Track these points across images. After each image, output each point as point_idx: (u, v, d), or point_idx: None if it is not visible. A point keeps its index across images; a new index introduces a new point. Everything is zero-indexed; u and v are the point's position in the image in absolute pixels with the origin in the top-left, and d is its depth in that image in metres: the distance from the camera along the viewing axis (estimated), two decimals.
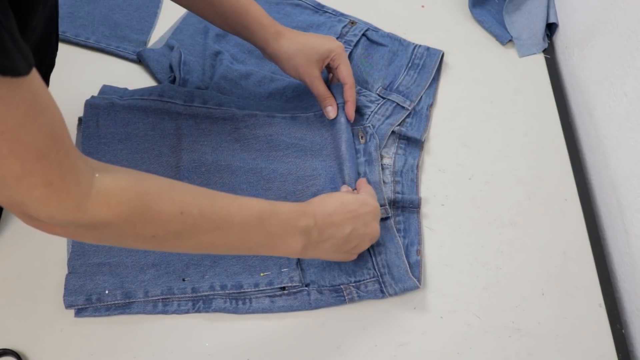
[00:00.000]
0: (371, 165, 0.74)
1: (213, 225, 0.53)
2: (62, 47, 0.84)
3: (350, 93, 0.76)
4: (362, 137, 0.76)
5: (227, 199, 0.55)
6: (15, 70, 0.37)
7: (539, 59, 0.88)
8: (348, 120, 0.76)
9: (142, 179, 0.50)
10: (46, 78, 0.69)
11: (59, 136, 0.42)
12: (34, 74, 0.40)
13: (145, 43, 0.87)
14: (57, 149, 0.42)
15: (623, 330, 0.68)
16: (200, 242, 0.54)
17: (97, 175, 0.46)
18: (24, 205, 0.43)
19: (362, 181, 0.71)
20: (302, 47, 0.73)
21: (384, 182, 0.74)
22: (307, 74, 0.73)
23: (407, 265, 0.67)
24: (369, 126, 0.77)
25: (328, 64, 0.76)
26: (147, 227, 0.49)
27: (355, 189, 0.71)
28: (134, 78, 0.82)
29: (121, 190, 0.47)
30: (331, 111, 0.75)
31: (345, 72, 0.75)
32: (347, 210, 0.62)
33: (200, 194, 0.54)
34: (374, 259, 0.68)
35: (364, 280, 0.67)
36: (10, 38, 0.36)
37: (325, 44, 0.74)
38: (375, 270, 0.68)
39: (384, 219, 0.71)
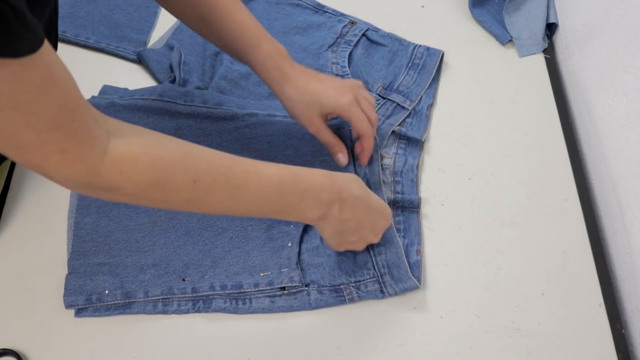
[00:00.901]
0: (371, 166, 0.73)
1: (227, 194, 0.53)
2: (62, 47, 0.84)
3: (367, 144, 0.71)
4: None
5: (246, 166, 0.55)
6: (26, 49, 0.38)
7: (539, 59, 0.88)
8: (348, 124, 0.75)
9: (157, 145, 0.50)
10: None
11: (73, 106, 0.44)
12: (46, 47, 0.40)
13: (145, 43, 0.87)
14: (71, 119, 0.43)
15: (623, 330, 0.68)
16: (213, 208, 0.54)
17: (111, 140, 0.47)
18: (41, 167, 0.45)
19: None
20: (306, 98, 0.67)
21: (383, 182, 0.74)
22: (310, 124, 0.68)
23: (407, 266, 0.67)
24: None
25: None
26: (159, 194, 0.50)
27: None
28: (134, 78, 0.82)
29: (134, 157, 0.48)
30: (342, 158, 0.72)
31: (360, 126, 0.69)
32: (368, 206, 0.62)
33: (216, 161, 0.53)
34: (374, 259, 0.68)
35: (364, 280, 0.67)
36: (18, 19, 0.37)
37: (332, 99, 0.67)
38: (375, 270, 0.68)
39: None
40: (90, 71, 0.83)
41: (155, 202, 0.51)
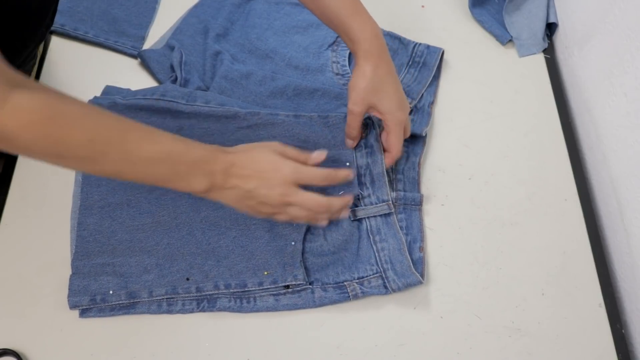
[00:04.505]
0: (373, 156, 0.73)
1: (120, 156, 0.55)
2: (62, 42, 0.85)
3: (388, 161, 0.72)
4: (362, 131, 0.75)
5: (141, 132, 0.57)
6: None
7: (539, 59, 0.88)
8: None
9: (59, 102, 0.52)
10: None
11: None
12: None
13: (144, 38, 0.87)
14: None
15: (623, 330, 0.68)
16: (105, 169, 0.56)
17: (15, 91, 0.48)
18: None
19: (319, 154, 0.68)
20: (367, 81, 0.67)
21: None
22: (355, 103, 0.69)
23: (410, 261, 0.67)
24: (367, 118, 0.76)
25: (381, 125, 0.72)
26: (54, 147, 0.52)
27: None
28: (135, 78, 0.82)
29: (34, 109, 0.49)
30: (348, 143, 0.73)
31: (392, 142, 0.70)
32: (257, 169, 0.62)
33: (114, 124, 0.55)
34: (376, 254, 0.69)
35: (367, 276, 0.68)
36: None
37: (391, 109, 0.68)
38: (378, 265, 0.68)
39: (386, 215, 0.71)
40: (92, 71, 0.83)
41: (50, 155, 0.53)
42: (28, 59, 0.71)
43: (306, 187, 0.63)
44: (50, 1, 0.65)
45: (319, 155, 0.67)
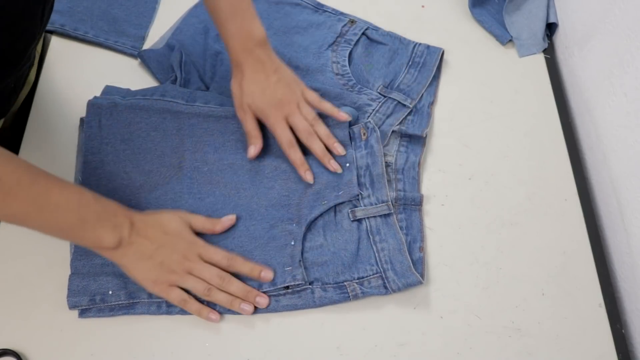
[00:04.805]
0: (373, 157, 0.73)
1: (28, 199, 0.54)
2: (62, 41, 0.84)
3: (313, 145, 0.72)
4: (364, 134, 0.75)
5: (50, 179, 0.57)
6: None
7: (539, 59, 0.88)
8: (350, 122, 0.75)
9: None
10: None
11: None
12: None
13: (144, 38, 0.87)
14: None
15: (623, 330, 0.68)
16: (11, 211, 0.55)
17: None
18: None
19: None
20: (236, 90, 0.72)
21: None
22: (238, 109, 0.73)
23: (410, 261, 0.67)
24: (370, 121, 0.77)
25: None
26: None
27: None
28: (135, 78, 0.82)
29: None
30: (251, 150, 0.72)
31: (280, 141, 0.72)
32: (163, 231, 0.64)
33: (23, 167, 0.55)
34: (377, 255, 0.69)
35: (367, 276, 0.68)
36: None
37: (264, 109, 0.71)
38: (378, 266, 0.68)
39: (386, 215, 0.71)
40: (92, 71, 0.83)
41: None
42: (23, 60, 0.70)
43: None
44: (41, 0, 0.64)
45: (229, 219, 0.69)
